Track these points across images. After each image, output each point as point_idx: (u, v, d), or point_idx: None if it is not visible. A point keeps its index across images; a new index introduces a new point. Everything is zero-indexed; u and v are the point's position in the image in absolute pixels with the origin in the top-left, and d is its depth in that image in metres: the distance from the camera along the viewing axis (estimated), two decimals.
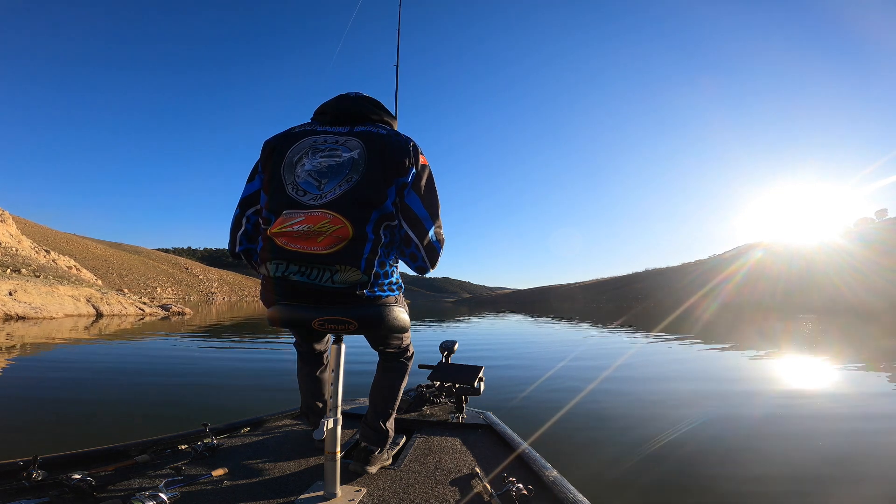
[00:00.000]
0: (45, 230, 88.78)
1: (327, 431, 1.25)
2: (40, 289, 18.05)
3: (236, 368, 6.32)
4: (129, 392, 4.53)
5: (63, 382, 4.89)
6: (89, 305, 19.03)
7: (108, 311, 19.08)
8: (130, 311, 20.15)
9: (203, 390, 4.71)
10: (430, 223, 1.42)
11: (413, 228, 1.40)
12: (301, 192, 1.32)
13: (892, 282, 31.18)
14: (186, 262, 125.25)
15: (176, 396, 4.38)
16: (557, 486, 1.36)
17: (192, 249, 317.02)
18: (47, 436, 3.08)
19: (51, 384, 4.78)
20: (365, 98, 1.54)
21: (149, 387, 4.82)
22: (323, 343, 1.84)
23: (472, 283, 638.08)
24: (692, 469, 2.55)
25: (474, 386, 2.24)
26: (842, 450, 2.92)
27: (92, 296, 20.19)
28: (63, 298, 18.23)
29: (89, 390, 4.56)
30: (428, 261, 1.46)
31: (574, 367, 6.37)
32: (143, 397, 4.31)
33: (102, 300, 20.06)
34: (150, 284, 78.12)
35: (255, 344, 9.73)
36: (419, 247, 1.42)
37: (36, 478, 1.32)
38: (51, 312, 16.20)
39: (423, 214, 1.41)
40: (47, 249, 33.34)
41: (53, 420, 3.45)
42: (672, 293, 51.00)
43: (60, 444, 2.77)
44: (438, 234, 1.46)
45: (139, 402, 4.10)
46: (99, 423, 3.44)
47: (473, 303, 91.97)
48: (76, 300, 18.87)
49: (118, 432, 3.07)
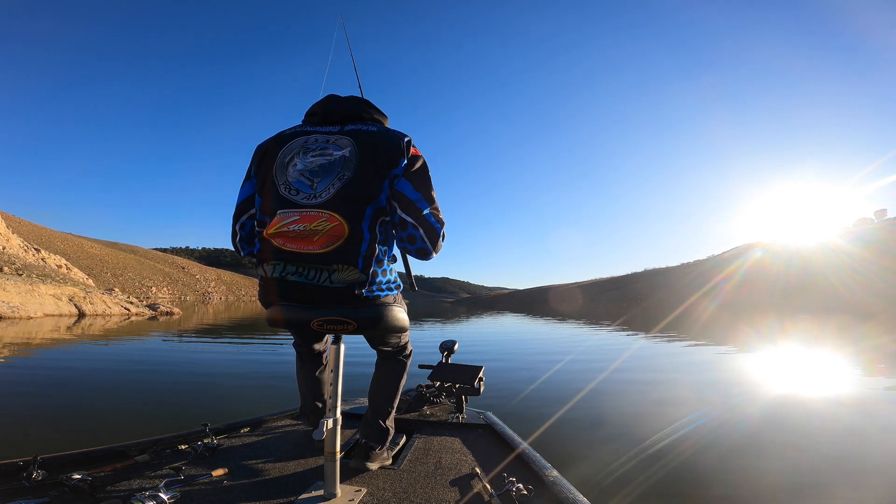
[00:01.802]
0: (40, 229, 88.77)
1: (327, 431, 1.25)
2: (20, 287, 17.61)
3: (236, 368, 6.32)
4: (128, 392, 4.52)
5: (62, 382, 4.88)
6: (71, 305, 18.55)
7: (90, 311, 18.68)
8: (115, 310, 19.73)
9: (203, 390, 4.71)
10: (423, 204, 1.38)
11: (406, 210, 1.36)
12: (294, 191, 1.32)
13: (890, 282, 31.24)
14: (183, 262, 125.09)
15: (176, 396, 4.38)
16: (557, 486, 1.36)
17: (191, 249, 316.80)
18: (47, 436, 3.08)
19: (50, 384, 4.77)
20: (354, 97, 1.55)
21: (149, 387, 4.81)
22: (322, 343, 1.84)
23: (471, 283, 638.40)
24: (692, 469, 2.55)
25: (474, 386, 2.24)
26: (841, 450, 2.92)
27: (75, 295, 19.69)
28: (43, 297, 17.79)
29: (89, 390, 4.56)
30: (428, 240, 1.39)
31: (573, 367, 6.37)
32: (143, 397, 4.31)
33: (86, 299, 19.56)
34: (144, 284, 78.04)
35: (255, 344, 9.72)
36: (416, 226, 1.37)
37: (36, 478, 1.32)
38: (29, 312, 15.80)
39: (415, 196, 1.37)
40: (37, 248, 33.13)
41: (53, 420, 3.45)
42: (671, 293, 51.06)
43: (60, 444, 2.76)
44: (436, 215, 1.41)
45: (139, 402, 4.09)
46: (99, 423, 3.44)
47: (472, 303, 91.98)
48: (57, 299, 18.38)
49: (118, 432, 3.07)
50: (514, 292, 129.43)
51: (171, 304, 26.11)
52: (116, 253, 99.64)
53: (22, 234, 42.23)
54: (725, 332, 13.35)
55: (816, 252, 46.69)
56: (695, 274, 59.15)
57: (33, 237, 65.30)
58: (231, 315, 22.71)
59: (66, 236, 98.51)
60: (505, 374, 5.67)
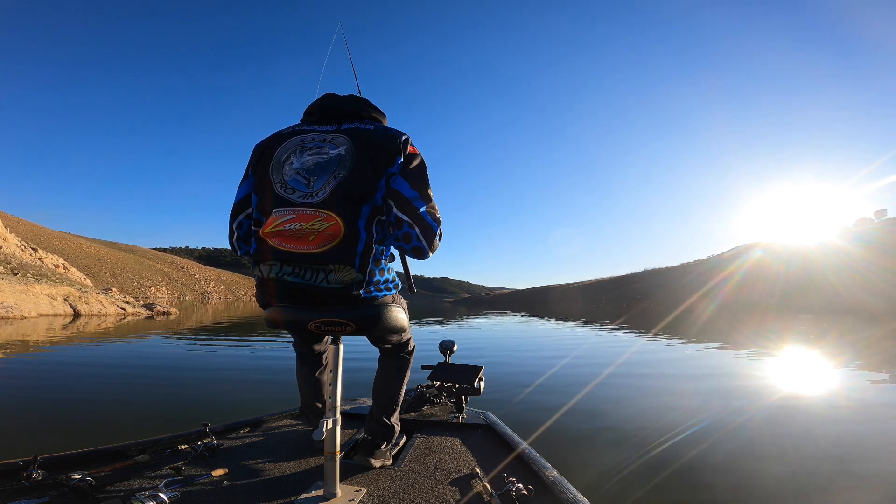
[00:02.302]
0: (39, 229, 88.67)
1: (327, 431, 1.25)
2: (14, 287, 17.38)
3: (236, 368, 6.32)
4: (128, 392, 4.52)
5: (62, 382, 4.88)
6: (66, 305, 18.28)
7: (86, 311, 18.40)
8: (111, 310, 19.45)
9: (203, 390, 4.71)
10: (420, 202, 1.36)
11: (402, 209, 1.34)
12: (290, 189, 1.31)
13: (890, 282, 31.21)
14: (183, 262, 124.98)
15: (176, 396, 4.38)
16: (557, 486, 1.36)
17: (190, 249, 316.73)
18: (47, 436, 3.08)
19: (50, 384, 4.77)
20: (352, 96, 1.55)
21: (148, 387, 4.81)
22: (322, 343, 1.84)
23: (471, 283, 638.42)
24: (692, 469, 2.55)
25: (474, 386, 2.24)
26: (842, 450, 2.92)
27: (70, 294, 19.43)
28: (38, 297, 17.55)
29: (89, 390, 4.55)
30: (424, 239, 1.37)
31: (574, 367, 6.37)
32: (143, 397, 4.31)
33: (81, 299, 19.23)
34: (143, 284, 77.97)
35: (255, 344, 9.72)
36: (411, 225, 1.35)
37: (36, 478, 1.32)
38: (23, 312, 15.59)
39: (411, 195, 1.35)
40: (34, 247, 32.80)
41: (53, 420, 3.45)
42: (671, 293, 51.03)
43: (60, 444, 2.76)
44: (432, 213, 1.39)
45: (139, 402, 4.09)
46: (99, 423, 3.44)
47: (472, 303, 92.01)
48: (52, 299, 18.11)
49: (118, 432, 3.06)
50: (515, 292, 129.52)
51: (168, 304, 25.68)
52: (115, 253, 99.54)
53: (20, 233, 42.11)
54: (725, 332, 13.35)
55: (816, 252, 46.65)
56: (695, 274, 59.12)
57: (32, 237, 65.26)
58: (230, 315, 22.67)
59: (65, 236, 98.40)
60: (505, 374, 5.67)
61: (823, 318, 19.76)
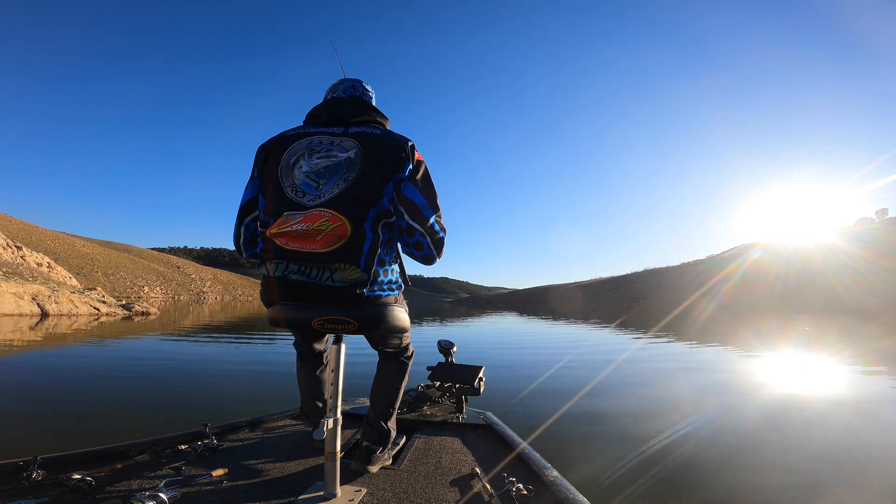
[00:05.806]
0: (31, 227, 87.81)
1: (327, 431, 1.26)
2: None
3: (236, 368, 6.32)
4: (128, 392, 4.52)
5: (62, 382, 4.88)
6: (34, 304, 17.26)
7: (55, 311, 17.36)
8: (83, 310, 18.33)
9: (203, 390, 4.71)
10: (430, 212, 1.42)
11: (414, 217, 1.39)
12: (300, 193, 1.32)
13: (890, 282, 31.23)
14: (179, 261, 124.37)
15: (175, 396, 4.38)
16: (557, 486, 1.36)
17: (189, 249, 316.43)
18: (47, 436, 3.08)
19: (49, 384, 4.77)
20: (357, 99, 1.56)
21: (148, 387, 4.81)
22: (323, 343, 1.85)
23: (471, 282, 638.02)
24: (692, 469, 2.56)
25: (474, 386, 2.24)
26: (840, 450, 2.93)
27: (39, 293, 18.21)
28: (4, 296, 16.47)
29: (89, 390, 4.56)
30: (434, 248, 1.44)
31: (573, 367, 6.38)
32: (143, 397, 4.31)
33: (51, 298, 18.11)
34: (136, 283, 77.37)
35: (254, 344, 9.72)
36: (423, 233, 1.41)
37: (36, 478, 1.32)
38: None
39: (422, 203, 1.41)
40: (18, 245, 32.04)
41: (53, 420, 3.45)
42: (670, 293, 51.03)
43: (60, 444, 2.76)
44: (440, 222, 1.46)
45: (139, 403, 4.09)
46: (99, 423, 3.44)
47: (472, 302, 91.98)
48: (19, 298, 17.01)
49: (118, 432, 3.07)
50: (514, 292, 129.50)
51: (148, 305, 23.84)
52: (109, 252, 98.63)
53: (11, 232, 41.41)
54: (724, 332, 13.37)
55: (816, 252, 46.67)
56: (694, 274, 59.14)
57: (23, 235, 64.77)
58: (227, 315, 22.51)
59: (58, 234, 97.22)
60: (505, 374, 5.67)
61: (823, 318, 19.77)
